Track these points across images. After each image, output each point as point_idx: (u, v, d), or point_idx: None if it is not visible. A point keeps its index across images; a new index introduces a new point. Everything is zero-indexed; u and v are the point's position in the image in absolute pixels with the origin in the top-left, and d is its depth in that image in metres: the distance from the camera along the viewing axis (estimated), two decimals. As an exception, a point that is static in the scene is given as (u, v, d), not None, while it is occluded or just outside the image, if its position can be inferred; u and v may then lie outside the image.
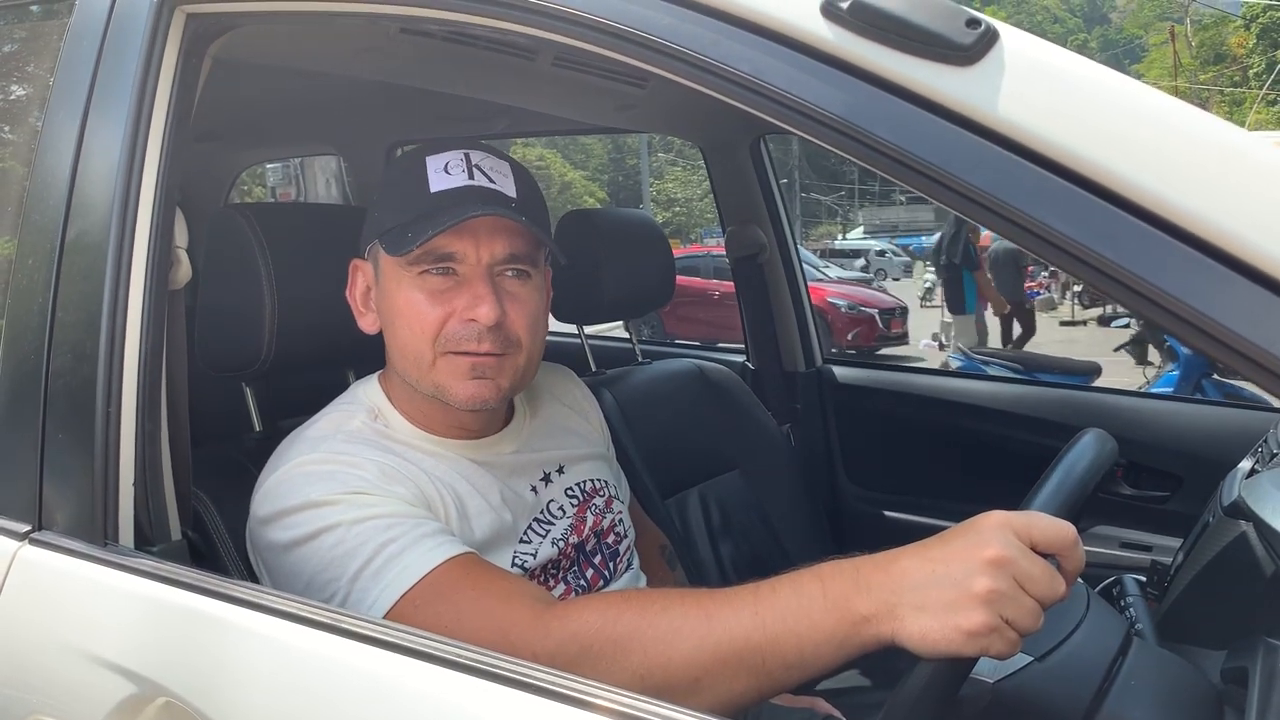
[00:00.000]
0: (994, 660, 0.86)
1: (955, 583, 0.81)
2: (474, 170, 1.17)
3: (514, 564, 1.22)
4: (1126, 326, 8.25)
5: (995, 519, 0.83)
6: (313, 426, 1.21)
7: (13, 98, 1.39)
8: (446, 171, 1.17)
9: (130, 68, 1.13)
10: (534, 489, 1.29)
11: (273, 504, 1.11)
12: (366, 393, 1.26)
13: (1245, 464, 1.40)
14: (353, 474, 1.11)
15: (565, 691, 0.82)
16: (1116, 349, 8.40)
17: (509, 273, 1.18)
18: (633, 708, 0.80)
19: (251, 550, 1.17)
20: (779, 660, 0.87)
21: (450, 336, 1.14)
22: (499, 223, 1.15)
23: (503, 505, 1.23)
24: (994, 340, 10.10)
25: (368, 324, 1.25)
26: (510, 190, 1.18)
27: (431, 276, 1.15)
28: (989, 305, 9.71)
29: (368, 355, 1.35)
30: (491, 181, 1.17)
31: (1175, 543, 1.57)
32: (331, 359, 1.44)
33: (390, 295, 1.18)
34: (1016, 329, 10.43)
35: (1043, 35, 0.77)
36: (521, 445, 1.31)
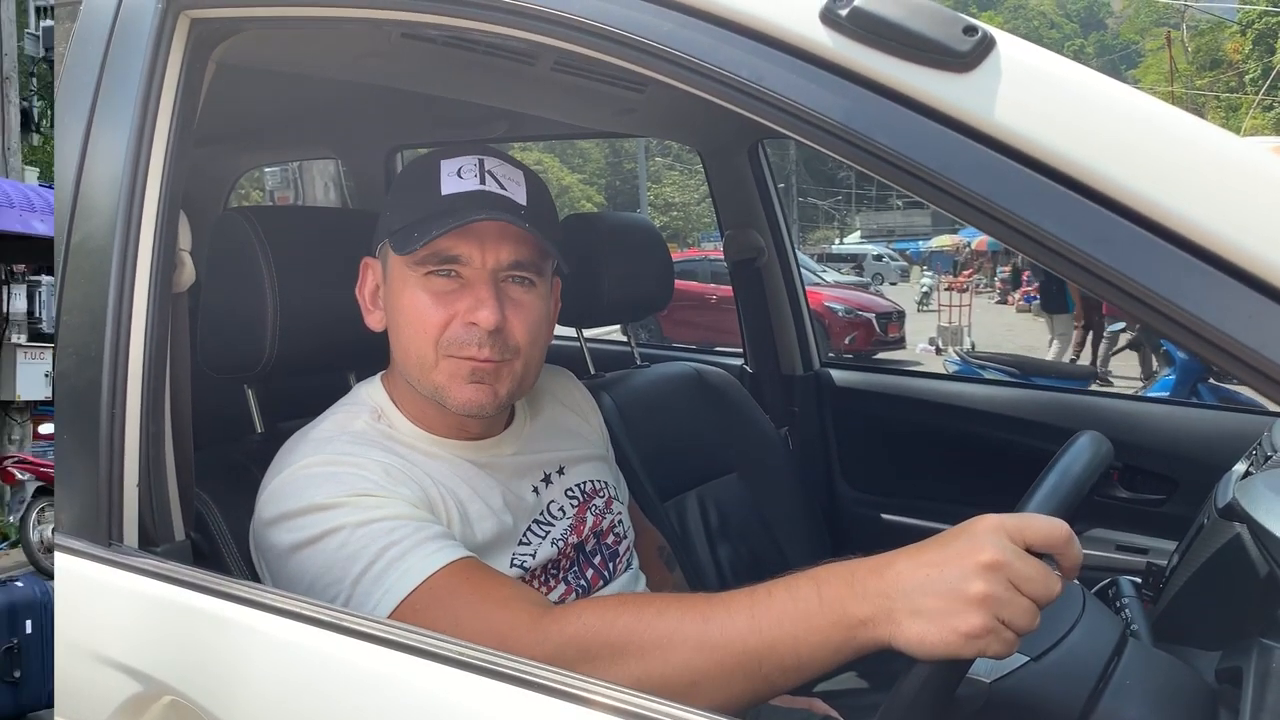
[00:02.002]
0: (990, 660, 0.87)
1: (951, 587, 0.81)
2: (486, 175, 1.18)
3: (513, 564, 1.22)
4: (1123, 330, 8.27)
5: (989, 522, 0.84)
6: (317, 428, 1.22)
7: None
8: (459, 175, 1.18)
9: (135, 72, 1.14)
10: (535, 490, 1.30)
11: (277, 506, 1.11)
12: (370, 393, 1.27)
13: (1240, 467, 1.41)
14: (357, 475, 1.11)
15: (565, 689, 0.83)
16: (1114, 352, 8.42)
17: (513, 279, 1.19)
18: (632, 704, 0.81)
19: (255, 552, 1.17)
20: (775, 664, 0.88)
21: (452, 340, 1.15)
22: (506, 229, 1.16)
23: (504, 508, 1.23)
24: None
25: (374, 321, 1.26)
26: (521, 198, 1.19)
27: (436, 278, 1.16)
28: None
29: (369, 357, 1.35)
30: (503, 188, 1.18)
31: (1171, 545, 1.58)
32: (333, 362, 1.45)
33: (396, 294, 1.19)
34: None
35: (1039, 41, 0.78)
36: (522, 447, 1.32)
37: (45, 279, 8.40)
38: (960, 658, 0.82)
